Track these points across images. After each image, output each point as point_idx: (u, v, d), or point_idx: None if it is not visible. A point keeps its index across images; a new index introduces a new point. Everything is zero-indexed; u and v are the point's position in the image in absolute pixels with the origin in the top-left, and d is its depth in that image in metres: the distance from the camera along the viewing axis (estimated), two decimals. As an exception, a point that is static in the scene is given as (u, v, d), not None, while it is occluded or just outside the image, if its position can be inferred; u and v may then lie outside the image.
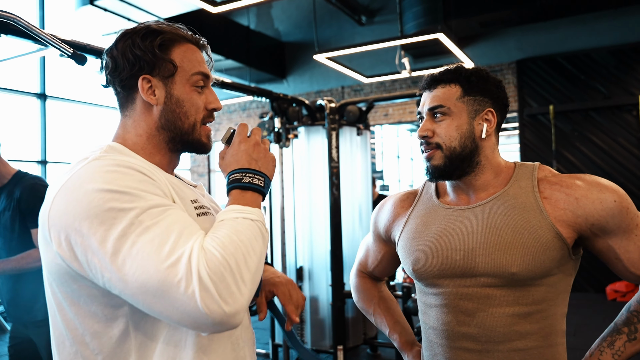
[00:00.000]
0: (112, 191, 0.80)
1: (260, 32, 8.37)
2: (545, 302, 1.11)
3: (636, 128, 6.52)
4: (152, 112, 0.98)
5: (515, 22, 6.57)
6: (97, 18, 5.88)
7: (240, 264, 0.80)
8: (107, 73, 0.98)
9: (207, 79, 1.02)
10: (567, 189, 1.10)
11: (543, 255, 1.08)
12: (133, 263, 0.76)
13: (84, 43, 2.42)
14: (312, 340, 3.92)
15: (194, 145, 1.02)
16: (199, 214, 0.97)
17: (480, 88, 1.18)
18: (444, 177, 1.19)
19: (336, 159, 3.80)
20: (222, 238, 0.81)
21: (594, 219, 1.07)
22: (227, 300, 0.76)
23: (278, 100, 3.87)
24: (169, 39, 0.97)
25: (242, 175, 0.94)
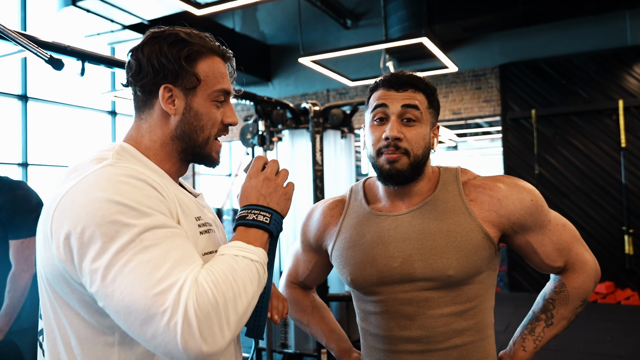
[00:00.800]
0: (120, 204, 0.79)
1: (245, 35, 8.35)
2: (477, 298, 1.18)
3: (616, 132, 6.64)
4: (169, 121, 0.97)
5: (498, 27, 6.65)
6: (80, 19, 5.82)
7: (229, 305, 0.78)
8: (130, 75, 0.97)
9: (228, 94, 1.02)
10: (490, 191, 1.18)
11: (475, 256, 1.14)
12: (123, 281, 0.76)
13: (65, 45, 2.40)
14: (295, 344, 3.91)
15: (203, 159, 1.02)
16: (202, 232, 0.96)
17: (436, 104, 1.23)
18: (404, 182, 1.19)
19: (320, 162, 3.80)
20: (217, 274, 0.80)
21: (515, 218, 1.16)
22: (207, 340, 0.75)
23: (262, 103, 3.87)
24: (197, 51, 0.96)
25: (248, 212, 0.93)
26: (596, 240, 6.68)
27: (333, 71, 6.62)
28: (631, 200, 6.53)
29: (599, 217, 6.70)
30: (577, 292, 1.22)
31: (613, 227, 6.63)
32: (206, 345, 0.74)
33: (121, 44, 6.62)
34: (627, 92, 6.60)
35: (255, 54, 8.66)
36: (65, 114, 7.21)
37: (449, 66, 6.33)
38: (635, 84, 6.57)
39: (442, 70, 6.63)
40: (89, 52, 2.49)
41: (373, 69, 7.21)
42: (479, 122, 9.19)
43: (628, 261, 6.45)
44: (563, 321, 1.24)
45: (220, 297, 0.77)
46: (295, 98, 8.76)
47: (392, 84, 1.18)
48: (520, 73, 7.19)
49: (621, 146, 6.56)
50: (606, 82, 6.72)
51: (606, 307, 6.11)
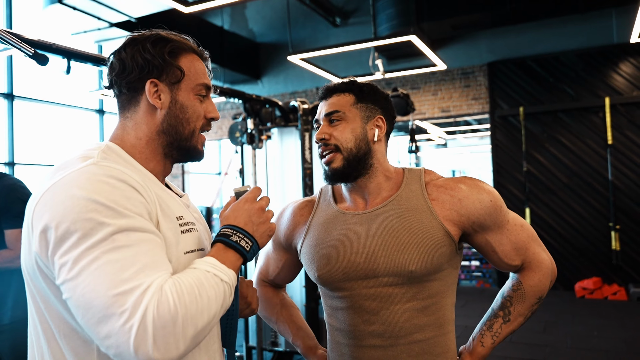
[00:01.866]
0: (97, 202, 0.81)
1: (234, 33, 8.32)
2: (438, 295, 1.22)
3: (602, 129, 6.70)
4: (156, 115, 1.00)
5: (486, 25, 6.68)
6: (66, 17, 5.75)
7: (189, 318, 0.79)
8: (114, 75, 0.99)
9: (209, 89, 1.06)
10: (452, 191, 1.24)
11: (436, 252, 1.19)
12: (87, 277, 0.77)
13: (50, 42, 2.37)
14: (285, 342, 3.91)
15: (189, 152, 1.04)
16: (184, 231, 0.97)
17: (371, 98, 1.29)
18: (343, 179, 1.26)
19: (309, 161, 3.80)
20: (182, 286, 0.80)
21: (474, 217, 1.22)
22: (160, 349, 0.75)
23: (251, 101, 3.86)
24: (178, 47, 1.01)
25: (233, 232, 0.95)
26: (583, 237, 6.75)
27: (322, 69, 6.61)
28: (618, 197, 6.60)
29: (586, 213, 6.77)
30: (533, 290, 1.27)
31: (600, 223, 6.70)
32: (158, 353, 0.75)
33: (108, 41, 6.56)
34: (613, 90, 6.67)
35: (244, 52, 8.63)
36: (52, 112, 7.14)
37: (437, 64, 6.36)
38: (621, 82, 6.64)
39: (431, 68, 6.65)
40: (75, 50, 2.46)
41: (362, 67, 7.22)
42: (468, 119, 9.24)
43: (615, 257, 6.53)
44: (520, 318, 1.29)
45: (181, 308, 0.78)
46: (285, 96, 8.75)
47: (321, 96, 1.32)
48: (508, 71, 7.23)
49: (608, 143, 6.63)
50: (593, 79, 6.78)
51: (593, 303, 6.17)
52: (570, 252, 6.80)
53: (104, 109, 7.87)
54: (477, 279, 7.42)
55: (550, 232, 6.89)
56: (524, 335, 4.85)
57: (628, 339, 4.65)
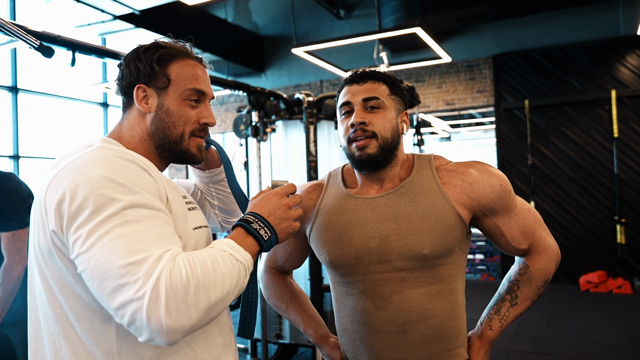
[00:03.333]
0: (109, 179, 0.85)
1: (238, 26, 8.29)
2: (449, 278, 1.23)
3: (608, 122, 6.66)
4: (145, 119, 1.05)
5: (491, 18, 6.64)
6: (70, 9, 5.74)
7: (201, 289, 0.81)
8: (115, 80, 1.08)
9: (203, 94, 1.08)
10: (463, 175, 1.24)
11: (448, 236, 1.20)
12: (101, 249, 0.80)
13: (55, 34, 2.37)
14: (290, 334, 3.92)
15: (181, 155, 1.07)
16: (190, 208, 1.02)
17: (400, 92, 1.31)
18: (376, 166, 1.24)
19: (314, 153, 3.79)
20: (197, 260, 0.84)
21: (485, 201, 1.23)
22: (172, 315, 0.77)
23: (255, 94, 3.85)
24: (169, 53, 1.05)
25: (255, 220, 0.99)
26: (588, 230, 6.73)
27: (326, 62, 6.59)
28: (623, 190, 6.57)
29: (592, 206, 6.74)
30: (540, 273, 1.29)
31: (605, 216, 6.67)
32: (170, 319, 0.77)
33: (112, 34, 6.54)
34: (619, 82, 6.62)
35: (248, 44, 8.60)
36: (56, 105, 7.14)
37: (442, 56, 6.32)
38: (627, 74, 6.59)
39: (436, 60, 6.61)
40: (79, 42, 2.46)
41: (366, 60, 7.18)
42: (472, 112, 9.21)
43: (620, 250, 6.51)
44: (526, 301, 1.30)
45: (193, 279, 0.81)
46: (289, 89, 8.73)
47: (354, 80, 1.28)
48: (514, 63, 7.19)
49: (614, 136, 6.59)
50: (599, 72, 6.73)
51: (598, 296, 6.16)
52: (575, 245, 6.79)
53: (107, 102, 7.87)
54: (481, 272, 7.41)
55: (555, 226, 6.87)
56: (529, 328, 4.85)
57: (633, 332, 4.64)
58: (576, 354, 4.15)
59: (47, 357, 0.93)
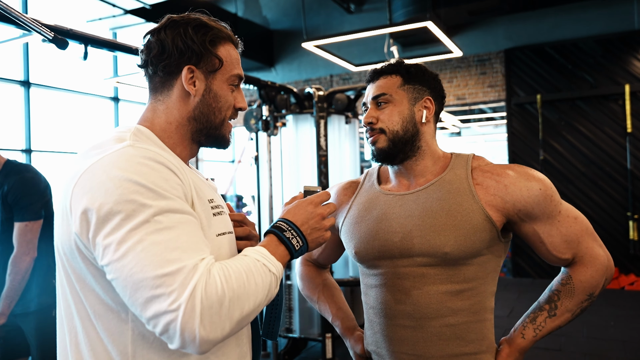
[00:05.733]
0: (139, 184, 0.82)
1: (248, 20, 8.28)
2: (475, 280, 1.20)
3: (622, 117, 6.58)
4: (189, 102, 1.00)
5: (503, 11, 6.57)
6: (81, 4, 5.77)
7: (236, 302, 0.81)
8: (151, 55, 0.98)
9: (241, 80, 1.06)
10: (498, 176, 1.20)
11: (474, 237, 1.17)
12: (134, 258, 0.78)
13: (67, 28, 2.37)
14: (300, 329, 3.93)
15: (217, 140, 1.05)
16: (215, 214, 0.98)
17: (418, 78, 1.28)
18: (389, 159, 1.27)
19: (324, 148, 3.79)
20: (231, 271, 0.83)
21: (520, 205, 1.17)
22: (206, 328, 0.77)
23: (266, 88, 3.84)
24: (218, 35, 1.01)
25: (288, 228, 0.98)
26: (600, 226, 6.67)
27: (336, 56, 6.56)
28: (636, 186, 6.50)
29: (604, 202, 6.68)
30: (583, 285, 1.21)
31: (618, 212, 6.61)
32: (204, 331, 0.76)
33: (123, 29, 6.57)
34: (633, 77, 6.53)
35: (258, 39, 8.60)
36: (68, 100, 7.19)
37: (453, 51, 6.27)
38: (642, 69, 6.50)
39: (447, 55, 6.56)
40: (92, 36, 2.46)
41: (377, 54, 7.15)
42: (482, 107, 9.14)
43: (632, 247, 6.45)
44: (567, 314, 1.23)
45: (229, 291, 0.80)
46: (299, 83, 8.72)
47: (368, 79, 1.33)
48: (526, 58, 7.12)
49: (627, 131, 6.52)
50: (612, 66, 6.65)
51: (610, 293, 6.11)
52: (586, 241, 6.72)
53: (118, 97, 7.91)
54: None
55: (567, 222, 6.80)
56: (539, 324, 4.82)
57: (645, 329, 4.61)
58: (587, 351, 4.12)
59: (67, 347, 0.93)
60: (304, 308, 3.94)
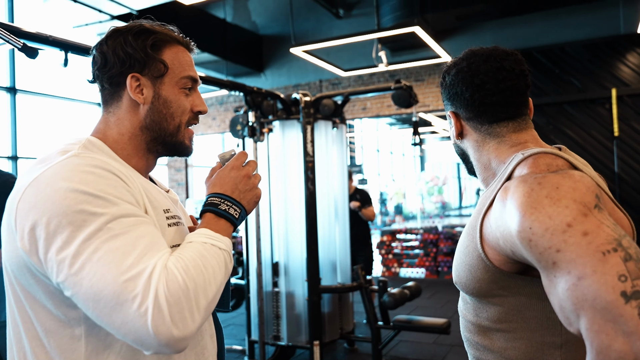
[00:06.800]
0: (86, 193, 0.79)
1: (237, 25, 8.27)
2: (505, 323, 0.97)
3: (609, 121, 6.63)
4: (138, 111, 0.97)
5: (491, 16, 6.61)
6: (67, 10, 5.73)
7: (200, 290, 0.80)
8: (96, 69, 0.97)
9: (195, 82, 1.02)
10: (500, 202, 0.90)
11: (470, 275, 0.98)
12: (92, 269, 0.76)
13: (47, 35, 2.35)
14: (288, 336, 3.89)
15: (175, 147, 1.02)
16: (170, 224, 0.96)
17: (445, 92, 1.11)
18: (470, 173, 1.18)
19: (311, 153, 3.77)
20: (186, 261, 0.82)
21: (509, 245, 0.86)
22: (178, 325, 0.76)
23: (252, 94, 3.82)
24: (161, 39, 0.97)
25: (221, 201, 0.95)
26: (589, 230, 6.69)
27: (325, 61, 6.56)
28: (624, 189, 6.53)
29: (592, 206, 6.70)
30: None
31: (606, 216, 6.63)
32: (177, 329, 0.76)
33: (110, 34, 6.54)
34: (620, 81, 6.58)
35: (247, 44, 8.58)
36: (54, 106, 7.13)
37: (441, 56, 6.29)
38: (628, 73, 6.55)
39: (435, 59, 6.59)
40: (72, 42, 2.43)
41: (366, 59, 7.16)
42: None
43: (621, 250, 6.47)
44: None
45: (190, 282, 0.79)
46: (288, 89, 8.71)
47: None
48: (514, 62, 7.15)
49: (614, 135, 6.56)
50: (599, 70, 6.70)
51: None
52: (575, 245, 6.75)
53: (106, 103, 7.86)
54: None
55: (556, 225, 6.84)
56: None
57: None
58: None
59: None
60: (291, 315, 3.91)
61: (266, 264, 4.00)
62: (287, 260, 3.95)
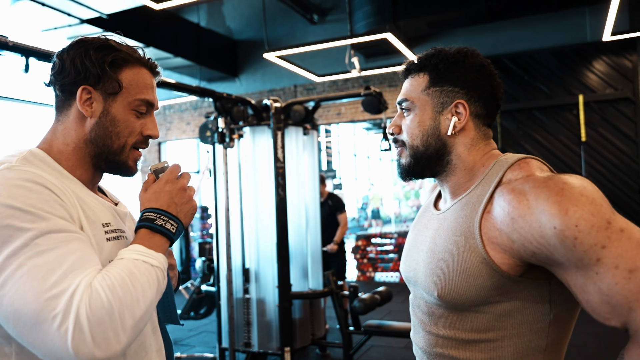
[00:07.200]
0: (14, 208, 0.78)
1: (211, 30, 8.23)
2: (492, 331, 0.95)
3: (576, 126, 6.79)
4: (85, 123, 0.96)
5: (462, 23, 6.71)
6: (35, 13, 5.62)
7: (125, 310, 0.78)
8: (52, 73, 0.97)
9: (151, 106, 1.02)
10: (508, 204, 0.89)
11: (466, 283, 0.93)
12: (14, 286, 0.74)
13: (6, 40, 2.31)
14: (259, 343, 3.88)
15: (118, 166, 1.01)
16: (109, 239, 0.94)
17: (449, 77, 1.03)
18: (413, 176, 1.08)
19: (282, 159, 3.77)
20: (113, 279, 0.80)
21: (533, 247, 0.85)
22: (100, 346, 0.74)
23: (222, 99, 3.81)
24: (123, 58, 0.97)
25: (157, 216, 0.93)
26: (558, 233, 6.83)
27: (299, 67, 6.58)
28: (591, 193, 6.68)
29: (561, 210, 6.85)
30: None
31: (574, 219, 6.78)
32: (99, 350, 0.74)
33: (81, 38, 6.43)
34: (586, 88, 6.75)
35: (222, 49, 8.55)
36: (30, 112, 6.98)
37: (414, 62, 6.36)
38: (594, 80, 6.72)
39: (408, 65, 6.65)
40: (33, 48, 2.40)
41: (340, 65, 7.19)
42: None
43: (589, 252, 6.62)
44: None
45: (115, 301, 0.77)
46: (263, 94, 8.69)
47: (401, 75, 1.11)
48: (485, 69, 7.27)
49: (581, 140, 6.72)
50: (567, 77, 6.86)
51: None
52: (545, 248, 6.88)
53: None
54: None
55: (526, 229, 6.96)
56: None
57: (599, 333, 4.71)
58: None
59: None
60: (262, 322, 3.89)
61: (237, 270, 3.98)
62: (258, 267, 3.94)
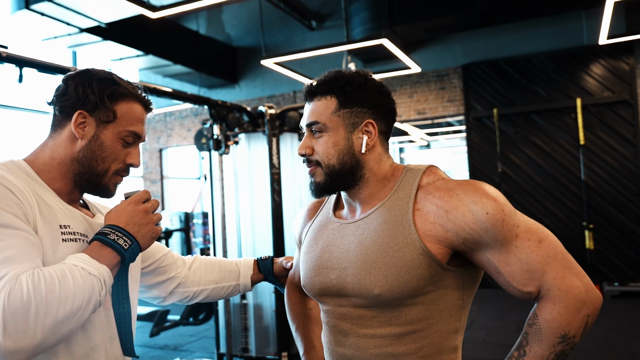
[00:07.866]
0: None
1: (210, 37, 8.29)
2: (423, 321, 1.04)
3: (575, 130, 6.79)
4: (75, 144, 1.06)
5: (459, 28, 6.74)
6: (35, 23, 5.69)
7: (45, 307, 0.82)
8: (55, 94, 1.07)
9: (138, 138, 1.12)
10: (439, 200, 1.02)
11: (408, 275, 1.00)
12: None
13: (0, 51, 2.34)
14: (256, 348, 3.89)
15: (98, 188, 1.09)
16: (65, 240, 0.99)
17: (357, 98, 1.10)
18: (327, 192, 1.14)
19: (277, 166, 3.80)
20: (42, 276, 0.83)
21: (465, 233, 0.99)
22: (11, 336, 0.78)
23: (216, 107, 3.84)
24: (121, 92, 1.08)
25: (111, 231, 0.99)
26: (558, 236, 6.62)
27: (297, 73, 6.61)
28: (590, 196, 6.68)
29: (561, 213, 6.85)
30: (551, 325, 0.96)
31: (574, 222, 6.78)
32: (10, 340, 0.78)
33: (82, 47, 6.49)
34: (584, 91, 6.75)
35: (221, 56, 8.60)
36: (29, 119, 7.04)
37: (411, 67, 6.39)
38: (592, 83, 6.73)
39: (406, 70, 6.68)
40: (26, 58, 2.44)
41: (338, 70, 7.23)
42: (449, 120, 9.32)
43: (589, 256, 6.61)
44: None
45: (36, 297, 0.81)
46: (262, 100, 8.74)
47: (304, 97, 1.15)
48: (482, 73, 7.30)
49: (580, 143, 6.72)
50: (564, 81, 6.87)
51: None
52: (545, 251, 6.86)
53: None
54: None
55: (526, 232, 6.94)
56: (498, 336, 4.88)
57: (599, 337, 4.70)
58: None
59: None
60: (259, 327, 3.90)
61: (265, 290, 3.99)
62: (255, 272, 3.95)
